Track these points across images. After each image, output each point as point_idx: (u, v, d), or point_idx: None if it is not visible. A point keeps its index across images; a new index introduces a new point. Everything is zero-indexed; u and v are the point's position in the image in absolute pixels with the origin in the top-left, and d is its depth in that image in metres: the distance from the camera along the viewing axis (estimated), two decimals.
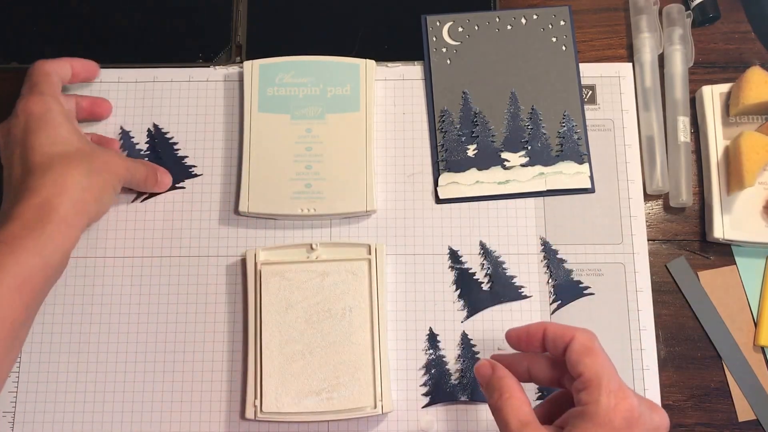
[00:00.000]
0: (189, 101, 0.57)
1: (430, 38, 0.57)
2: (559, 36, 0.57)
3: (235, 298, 0.53)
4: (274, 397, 0.49)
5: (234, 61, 0.58)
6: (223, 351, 0.52)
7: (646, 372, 0.51)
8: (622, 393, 0.36)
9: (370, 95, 0.55)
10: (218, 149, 0.56)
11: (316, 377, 0.50)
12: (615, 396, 0.36)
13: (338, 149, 0.54)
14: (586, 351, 0.38)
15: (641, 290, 0.53)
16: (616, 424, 0.35)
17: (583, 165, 0.55)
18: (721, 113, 0.55)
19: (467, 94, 0.56)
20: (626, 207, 0.54)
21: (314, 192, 0.53)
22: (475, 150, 0.55)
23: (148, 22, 0.59)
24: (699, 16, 0.58)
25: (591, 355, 0.38)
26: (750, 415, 0.51)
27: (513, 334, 0.42)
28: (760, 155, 0.51)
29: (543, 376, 0.41)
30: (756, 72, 0.53)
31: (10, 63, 0.58)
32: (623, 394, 0.36)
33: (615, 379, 0.37)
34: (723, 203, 0.54)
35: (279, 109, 0.55)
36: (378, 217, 0.54)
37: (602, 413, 0.36)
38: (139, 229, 0.54)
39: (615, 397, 0.36)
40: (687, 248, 0.55)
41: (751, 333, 0.53)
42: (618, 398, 0.36)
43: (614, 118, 0.56)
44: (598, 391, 0.36)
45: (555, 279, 0.53)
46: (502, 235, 0.54)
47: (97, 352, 0.52)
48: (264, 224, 0.54)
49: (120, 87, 0.57)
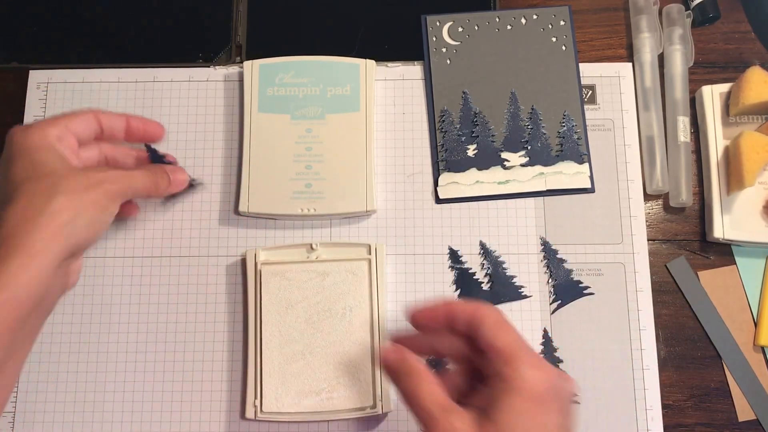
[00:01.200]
0: (189, 101, 0.57)
1: (430, 38, 0.57)
2: (559, 36, 0.57)
3: (235, 298, 0.53)
4: (274, 397, 0.49)
5: (234, 61, 0.58)
6: (223, 351, 0.52)
7: (646, 372, 0.51)
8: (542, 364, 0.36)
9: (370, 95, 0.55)
10: (218, 149, 0.56)
11: (316, 377, 0.50)
12: (537, 368, 0.36)
13: (338, 149, 0.54)
14: (499, 326, 0.37)
15: (641, 290, 0.53)
16: (541, 394, 0.35)
17: (583, 165, 0.55)
18: (721, 113, 0.55)
19: (467, 94, 0.56)
20: (626, 207, 0.54)
21: (314, 192, 0.53)
22: (475, 150, 0.55)
23: (148, 22, 0.59)
24: (699, 16, 0.58)
25: (505, 330, 0.37)
26: (750, 415, 0.51)
27: (417, 315, 0.40)
28: (760, 155, 0.51)
29: (448, 352, 0.40)
30: (756, 72, 0.53)
31: (10, 63, 0.58)
32: (543, 365, 0.36)
33: (532, 351, 0.37)
34: (723, 203, 0.54)
35: (279, 109, 0.55)
36: (378, 217, 0.54)
37: (527, 385, 0.35)
38: (139, 229, 0.54)
39: (537, 369, 0.36)
40: (687, 248, 0.55)
41: (751, 333, 0.53)
42: (540, 369, 0.36)
43: (614, 118, 0.56)
44: (520, 364, 0.36)
45: (555, 279, 0.53)
46: (502, 235, 0.54)
47: (97, 352, 0.52)
48: (264, 224, 0.54)
49: (120, 87, 0.57)
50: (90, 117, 0.46)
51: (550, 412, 0.35)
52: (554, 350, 0.52)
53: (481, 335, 0.37)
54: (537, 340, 0.52)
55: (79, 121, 0.45)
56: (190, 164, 0.55)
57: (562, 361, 0.51)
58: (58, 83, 0.57)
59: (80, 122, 0.45)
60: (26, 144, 0.43)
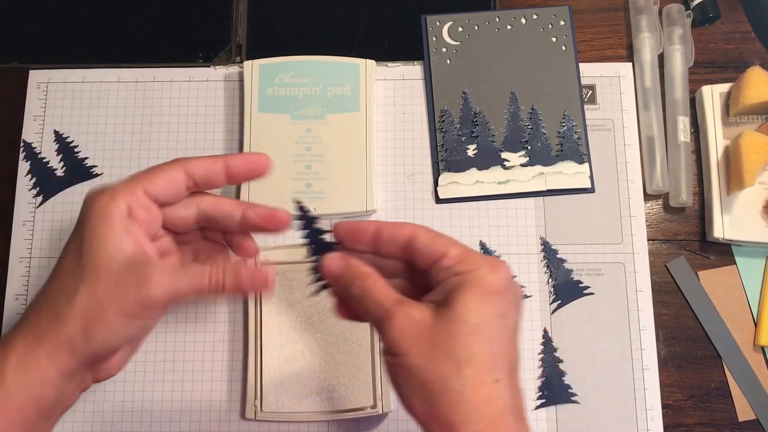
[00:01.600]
0: (189, 101, 0.57)
1: (430, 38, 0.57)
2: (559, 36, 0.57)
3: (235, 299, 0.53)
4: (274, 397, 0.49)
5: (234, 61, 0.58)
6: (223, 351, 0.52)
7: (646, 372, 0.51)
8: (498, 262, 0.36)
9: (370, 95, 0.55)
10: (218, 149, 0.56)
11: (316, 377, 0.50)
12: (494, 266, 0.35)
13: (338, 149, 0.54)
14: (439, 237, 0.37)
15: (641, 290, 0.53)
16: (500, 288, 0.35)
17: (583, 165, 0.55)
18: (721, 113, 0.55)
19: (467, 94, 0.56)
20: (626, 207, 0.54)
21: (314, 192, 0.53)
22: (475, 150, 0.55)
23: (148, 22, 0.59)
24: (699, 16, 0.58)
25: (447, 240, 0.37)
26: (750, 414, 0.51)
27: (341, 229, 0.38)
28: (760, 155, 0.51)
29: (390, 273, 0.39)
30: (756, 72, 0.53)
31: (10, 63, 0.58)
32: (499, 263, 0.36)
33: (483, 254, 0.38)
34: (723, 203, 0.54)
35: (279, 109, 0.55)
36: (378, 216, 0.54)
37: (486, 281, 0.35)
38: None
39: (495, 267, 0.35)
40: (687, 248, 0.55)
41: (751, 333, 0.53)
42: (497, 268, 0.35)
43: (614, 118, 0.56)
44: (478, 262, 0.35)
45: (555, 279, 0.53)
46: (502, 235, 0.54)
47: None
48: None
49: (120, 87, 0.57)
50: (176, 171, 0.38)
51: (509, 303, 0.35)
52: (554, 350, 0.52)
53: (424, 249, 0.36)
54: (537, 340, 0.52)
55: (162, 179, 0.38)
56: None
57: (562, 361, 0.52)
58: (58, 83, 0.57)
59: (163, 181, 0.38)
60: (88, 212, 0.37)
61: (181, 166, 0.38)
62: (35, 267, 0.53)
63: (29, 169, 0.55)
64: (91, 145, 0.56)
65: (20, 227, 0.54)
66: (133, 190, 0.37)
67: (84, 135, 0.56)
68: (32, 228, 0.54)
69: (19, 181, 0.55)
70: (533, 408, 0.51)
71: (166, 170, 0.38)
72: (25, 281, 0.53)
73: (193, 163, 0.39)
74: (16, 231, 0.54)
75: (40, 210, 0.54)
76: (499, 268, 0.35)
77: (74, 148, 0.56)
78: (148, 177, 0.38)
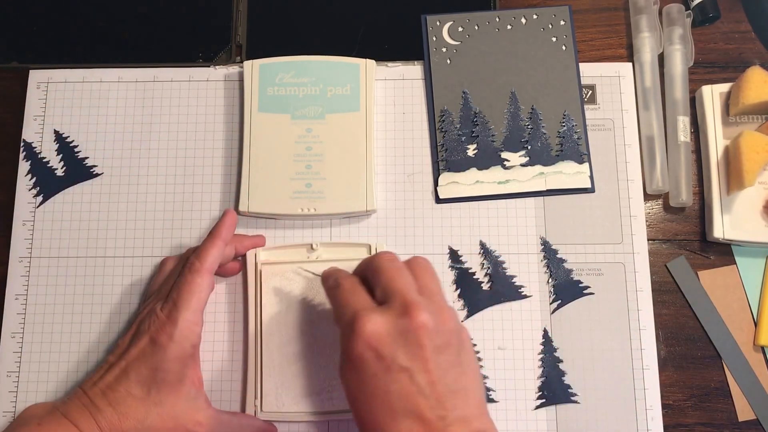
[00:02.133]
0: (189, 101, 0.57)
1: (430, 38, 0.57)
2: (559, 36, 0.57)
3: (235, 298, 0.53)
4: (274, 397, 0.49)
5: (234, 61, 0.58)
6: (223, 351, 0.52)
7: (646, 372, 0.51)
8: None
9: (370, 95, 0.55)
10: (218, 149, 0.56)
11: (316, 377, 0.50)
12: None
13: (338, 149, 0.54)
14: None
15: (641, 290, 0.53)
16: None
17: (583, 165, 0.55)
18: (721, 113, 0.55)
19: (467, 93, 0.56)
20: (626, 207, 0.54)
21: (314, 192, 0.53)
22: (475, 150, 0.55)
23: (149, 22, 0.59)
24: (699, 15, 0.58)
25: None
26: (750, 414, 0.51)
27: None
28: (760, 155, 0.51)
29: None
30: (756, 72, 0.53)
31: (11, 63, 0.58)
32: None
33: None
34: (723, 203, 0.54)
35: (279, 109, 0.55)
36: (378, 216, 0.54)
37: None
38: (139, 229, 0.54)
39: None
40: (687, 248, 0.55)
41: (751, 333, 0.53)
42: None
43: (614, 118, 0.56)
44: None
45: (555, 279, 0.53)
46: (502, 234, 0.54)
47: (97, 352, 0.52)
48: (264, 224, 0.54)
49: (120, 87, 0.57)
50: (204, 285, 0.47)
51: (370, 366, 0.39)
52: (554, 350, 0.52)
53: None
54: (537, 340, 0.52)
55: (198, 301, 0.46)
56: (190, 164, 0.55)
57: (562, 361, 0.52)
58: (59, 83, 0.57)
59: (200, 301, 0.46)
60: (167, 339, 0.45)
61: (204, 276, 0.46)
62: (35, 267, 0.53)
63: (29, 168, 0.55)
64: (91, 145, 0.56)
65: (20, 227, 0.54)
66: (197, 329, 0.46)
67: (84, 135, 0.56)
68: (32, 228, 0.54)
69: (19, 181, 0.55)
70: (533, 408, 0.51)
71: (196, 295, 0.46)
72: (25, 281, 0.53)
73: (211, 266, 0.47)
74: (16, 231, 0.54)
75: (40, 210, 0.54)
76: (354, 337, 0.39)
77: (74, 148, 0.56)
78: (200, 294, 0.46)
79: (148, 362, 0.44)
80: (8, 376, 0.51)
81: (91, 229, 0.54)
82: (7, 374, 0.51)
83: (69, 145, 0.56)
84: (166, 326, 0.45)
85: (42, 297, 0.53)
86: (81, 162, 0.55)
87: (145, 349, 0.45)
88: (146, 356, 0.45)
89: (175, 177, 0.55)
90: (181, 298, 0.45)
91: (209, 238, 0.49)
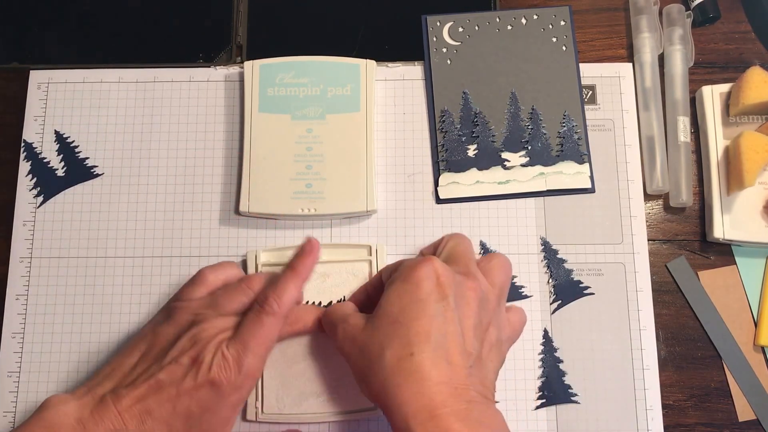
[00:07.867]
0: (189, 101, 0.57)
1: (431, 38, 0.58)
2: (560, 36, 0.57)
3: None
4: (275, 399, 0.49)
5: (234, 61, 0.58)
6: None
7: (646, 372, 0.51)
8: (426, 257, 0.43)
9: (371, 95, 0.55)
10: (218, 149, 0.56)
11: (316, 379, 0.50)
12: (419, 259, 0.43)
13: (338, 149, 0.54)
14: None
15: (641, 290, 0.53)
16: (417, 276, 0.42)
17: (583, 165, 0.55)
18: (721, 113, 0.55)
19: (467, 94, 0.56)
20: (626, 207, 0.55)
21: (314, 192, 0.53)
22: (475, 150, 0.55)
23: (149, 23, 0.59)
24: (699, 16, 0.58)
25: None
26: (750, 415, 0.51)
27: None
28: (760, 155, 0.51)
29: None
30: (756, 72, 0.53)
31: (11, 63, 0.58)
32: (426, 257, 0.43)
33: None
34: (723, 203, 0.54)
35: (279, 110, 0.55)
36: (378, 217, 0.54)
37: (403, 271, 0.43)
38: (140, 229, 0.54)
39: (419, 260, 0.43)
40: (687, 248, 0.55)
41: (751, 333, 0.53)
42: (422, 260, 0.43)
43: (614, 118, 0.56)
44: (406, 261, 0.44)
45: (555, 279, 0.53)
46: (502, 235, 0.54)
47: (98, 352, 0.52)
48: (264, 224, 0.54)
49: (120, 87, 0.57)
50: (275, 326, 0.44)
51: (430, 288, 0.41)
52: (554, 350, 0.52)
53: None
54: (537, 340, 0.52)
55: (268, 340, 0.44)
56: (190, 164, 0.55)
57: (562, 361, 0.52)
58: (59, 83, 0.57)
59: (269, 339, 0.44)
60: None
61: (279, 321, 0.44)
62: (36, 267, 0.53)
63: (30, 169, 0.55)
64: (91, 145, 0.56)
65: (21, 227, 0.54)
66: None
67: (84, 135, 0.56)
68: (33, 228, 0.54)
69: (20, 182, 0.55)
70: (533, 408, 0.51)
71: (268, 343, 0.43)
72: (25, 281, 0.53)
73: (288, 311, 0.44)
74: (16, 231, 0.54)
75: (40, 210, 0.54)
76: (421, 262, 0.42)
77: (75, 149, 0.56)
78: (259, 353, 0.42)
79: (202, 402, 0.41)
80: (9, 376, 0.51)
81: (92, 229, 0.54)
82: (7, 374, 0.51)
83: (69, 146, 0.56)
84: (231, 372, 0.41)
85: (42, 297, 0.53)
86: (81, 162, 0.55)
87: (203, 385, 0.41)
88: (201, 395, 0.41)
89: (175, 177, 0.55)
90: (253, 342, 0.42)
91: (289, 274, 0.45)
